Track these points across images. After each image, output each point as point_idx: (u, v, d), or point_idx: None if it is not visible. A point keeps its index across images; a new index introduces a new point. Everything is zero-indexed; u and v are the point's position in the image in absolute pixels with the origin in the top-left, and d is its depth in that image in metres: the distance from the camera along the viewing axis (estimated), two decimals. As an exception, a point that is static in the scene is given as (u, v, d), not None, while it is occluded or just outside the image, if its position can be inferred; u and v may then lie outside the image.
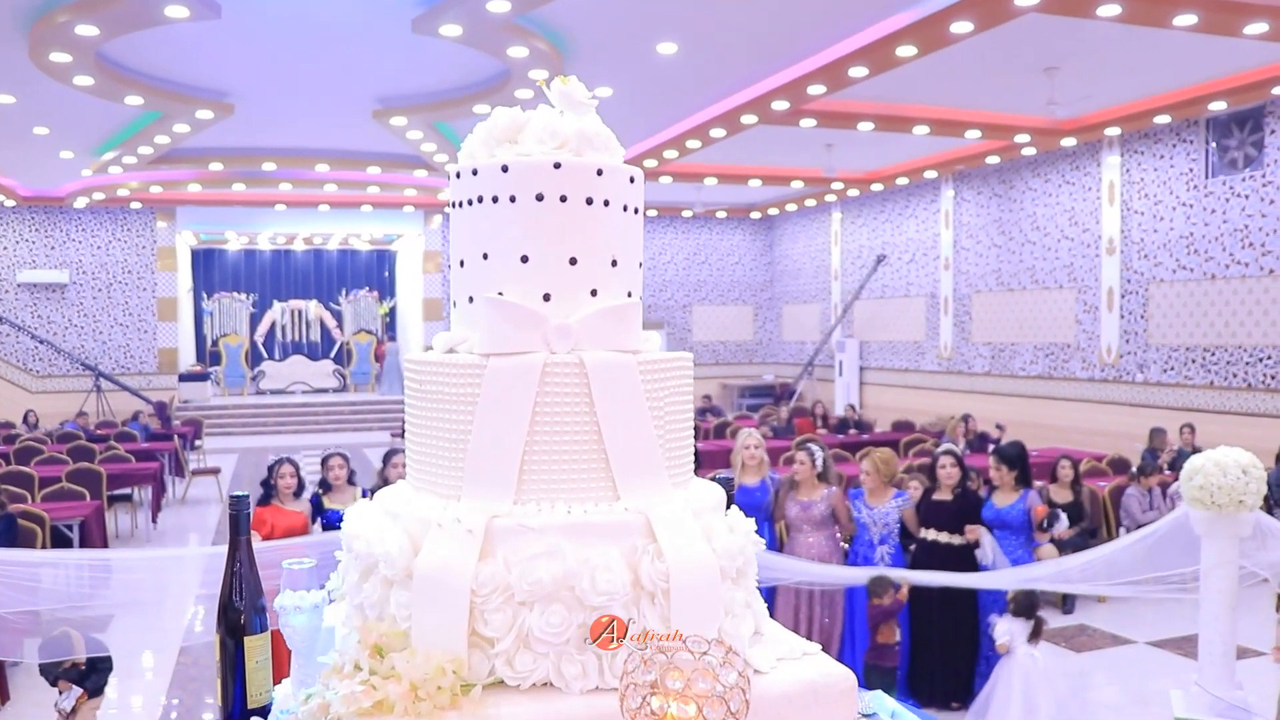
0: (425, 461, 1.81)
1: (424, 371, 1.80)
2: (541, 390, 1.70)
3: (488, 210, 1.78)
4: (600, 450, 1.72)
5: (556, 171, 1.76)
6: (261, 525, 6.75)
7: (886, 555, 7.30)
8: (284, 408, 24.03)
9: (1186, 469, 6.37)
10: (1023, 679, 6.43)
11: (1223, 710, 6.06)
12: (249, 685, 2.21)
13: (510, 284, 1.77)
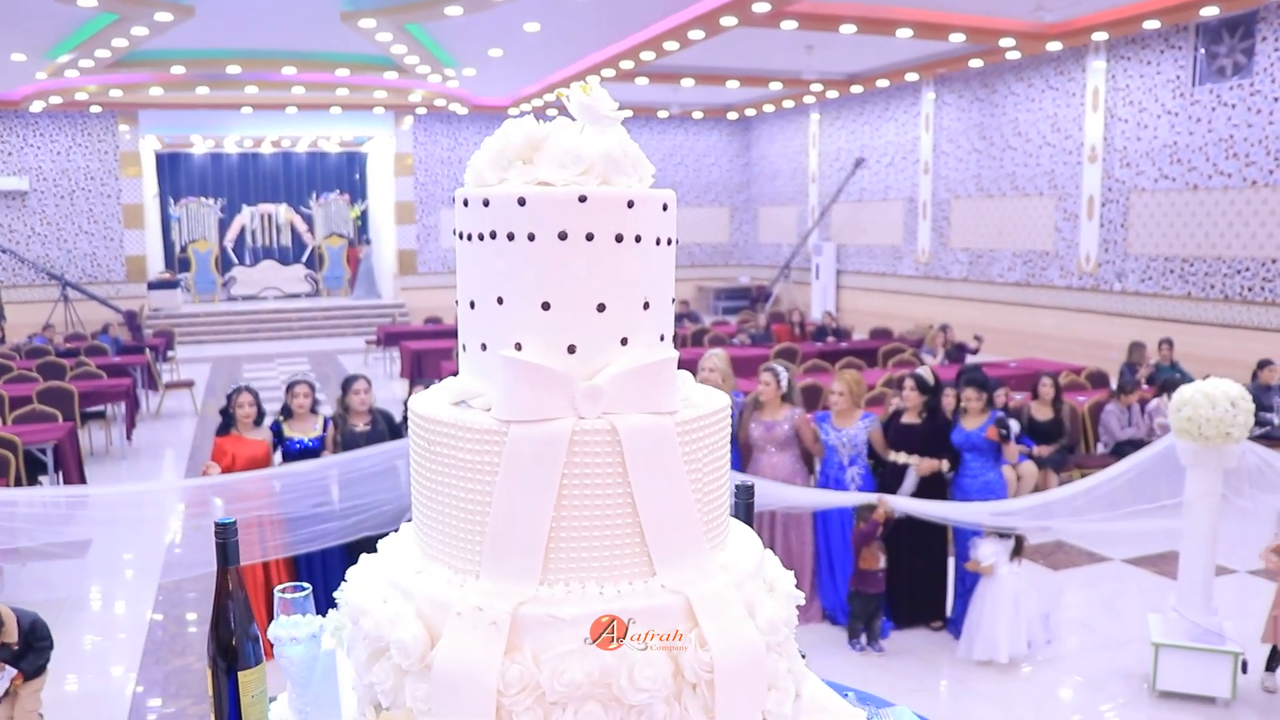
0: (437, 530, 1.60)
1: (433, 431, 1.58)
2: (569, 460, 1.49)
3: (502, 248, 1.54)
4: (634, 523, 1.52)
5: (582, 206, 1.52)
6: (222, 456, 6.57)
7: (857, 477, 7.24)
8: (256, 314, 23.63)
9: (1175, 400, 6.28)
10: (1007, 598, 6.43)
11: (1199, 636, 6.10)
12: (246, 715, 2.04)
13: (529, 334, 1.55)
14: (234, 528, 2.05)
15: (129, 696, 6.28)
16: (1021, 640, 6.47)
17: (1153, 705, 6.07)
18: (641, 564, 1.53)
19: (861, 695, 2.41)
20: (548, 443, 1.47)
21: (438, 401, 1.64)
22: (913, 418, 7.18)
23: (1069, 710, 6.07)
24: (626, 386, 1.50)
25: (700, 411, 1.59)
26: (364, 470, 6.73)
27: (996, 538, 6.43)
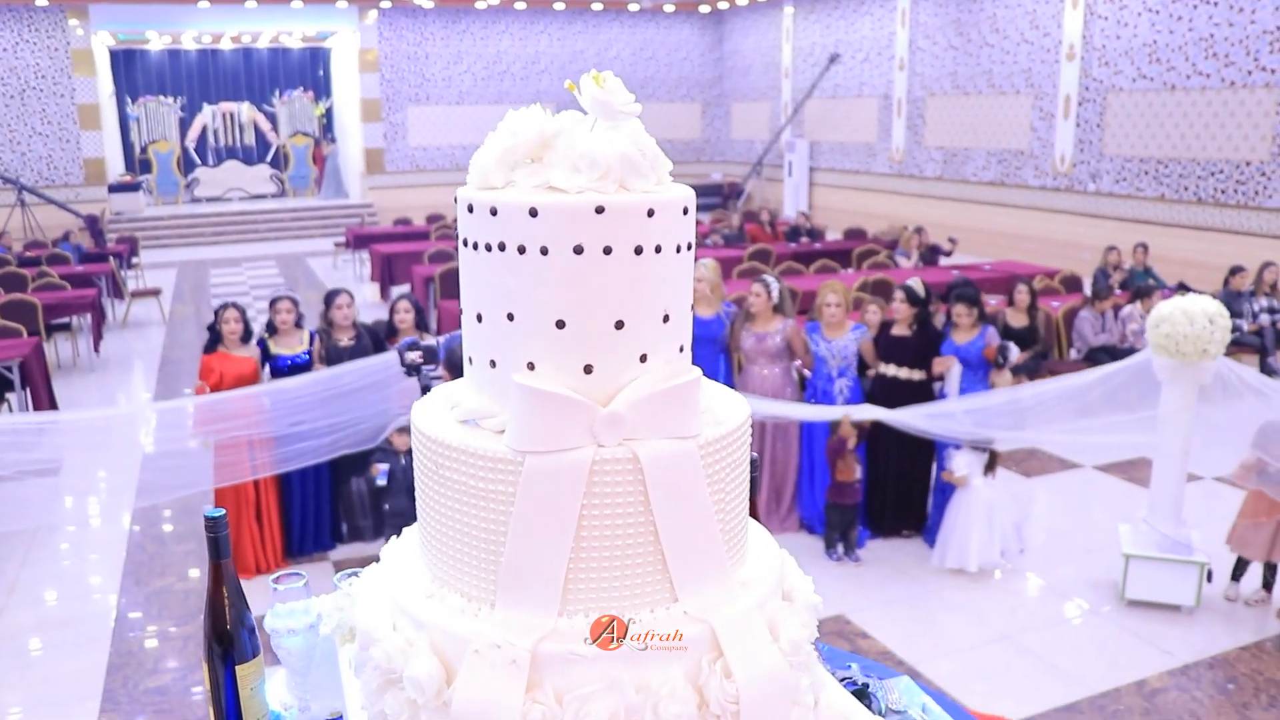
0: (447, 556, 1.51)
1: (441, 455, 1.48)
2: (589, 490, 1.40)
3: (512, 262, 1.42)
4: (656, 550, 1.44)
5: (599, 217, 1.39)
6: (210, 374, 6.48)
7: (845, 388, 7.27)
8: (221, 217, 23.10)
9: (1153, 317, 6.27)
10: (979, 510, 6.52)
11: (1168, 547, 6.21)
12: (245, 715, 1.99)
13: (543, 354, 1.44)
14: (224, 521, 1.96)
15: (111, 618, 6.27)
16: (994, 550, 6.58)
17: (1121, 614, 6.21)
18: (663, 590, 1.46)
19: (865, 665, 2.40)
20: (566, 474, 1.38)
21: (444, 419, 1.53)
22: (903, 330, 7.18)
23: (1040, 619, 6.20)
24: (648, 412, 1.40)
25: (723, 430, 1.50)
26: (350, 386, 6.64)
27: (971, 450, 6.47)
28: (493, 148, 1.46)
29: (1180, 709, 5.24)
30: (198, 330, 14.27)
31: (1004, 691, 5.47)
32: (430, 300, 13.38)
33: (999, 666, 5.73)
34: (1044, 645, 5.91)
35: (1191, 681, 5.48)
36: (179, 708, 5.25)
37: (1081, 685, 5.48)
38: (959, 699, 5.36)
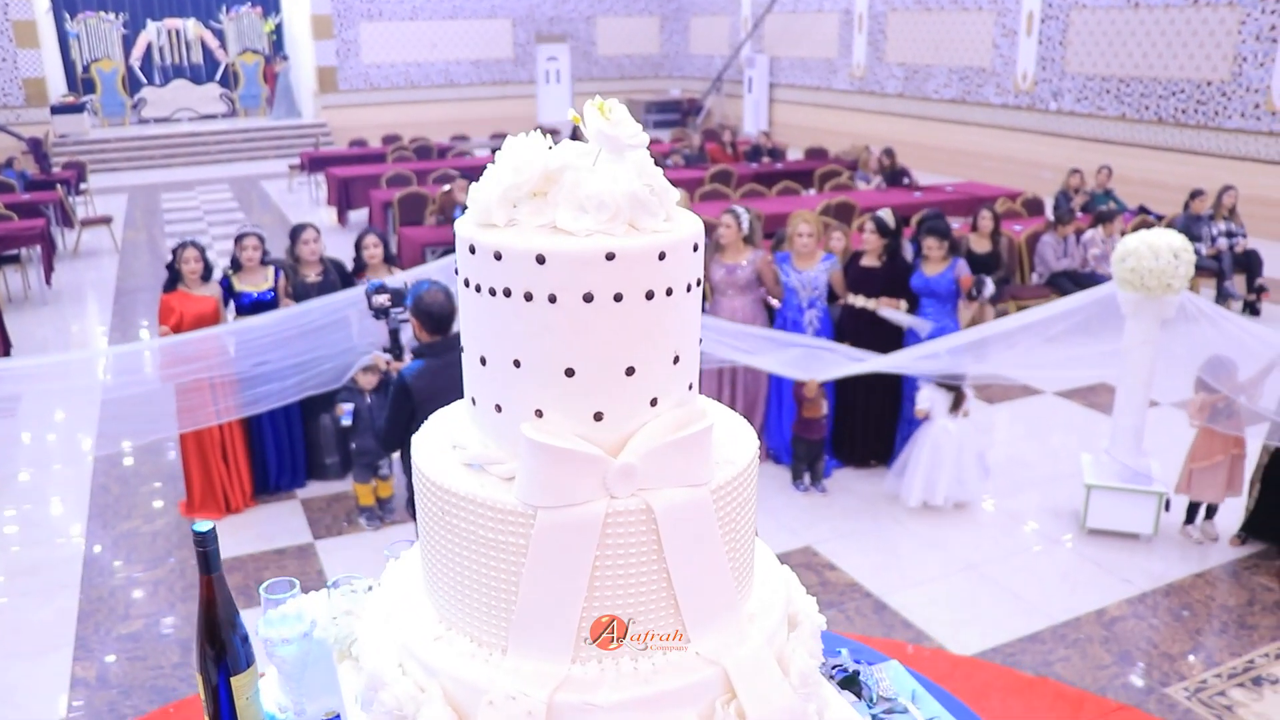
0: (455, 600, 1.48)
1: (449, 503, 1.43)
2: (602, 541, 1.36)
3: (518, 309, 1.36)
4: (669, 594, 1.42)
5: (610, 264, 1.33)
6: (170, 314, 6.35)
7: (815, 319, 7.28)
8: (171, 139, 22.41)
9: (1119, 251, 6.30)
10: (944, 447, 6.60)
11: (1129, 477, 6.34)
12: (242, 717, 1.97)
13: (551, 402, 1.39)
14: (213, 535, 1.92)
15: (79, 563, 6.22)
16: (957, 484, 6.67)
17: (1081, 542, 6.36)
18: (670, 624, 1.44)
19: (854, 650, 2.42)
20: (580, 527, 1.34)
21: (448, 464, 1.48)
22: (873, 261, 7.17)
23: (1004, 549, 6.33)
24: (661, 462, 1.36)
25: (735, 470, 1.46)
26: (316, 323, 6.54)
27: (935, 386, 6.52)
28: (494, 184, 1.38)
29: (1138, 637, 5.40)
30: (152, 259, 13.94)
31: (968, 622, 5.60)
32: (389, 226, 13.15)
33: (964, 597, 5.85)
34: (1007, 575, 6.05)
35: (1148, 609, 5.65)
36: (152, 654, 5.25)
37: (1044, 615, 5.63)
38: (925, 630, 5.50)
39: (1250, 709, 4.79)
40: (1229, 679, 5.03)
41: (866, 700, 2.14)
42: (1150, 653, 5.26)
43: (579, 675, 1.39)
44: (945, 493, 6.62)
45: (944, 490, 6.61)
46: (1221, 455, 6.04)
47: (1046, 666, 5.17)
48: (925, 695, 2.20)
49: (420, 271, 7.11)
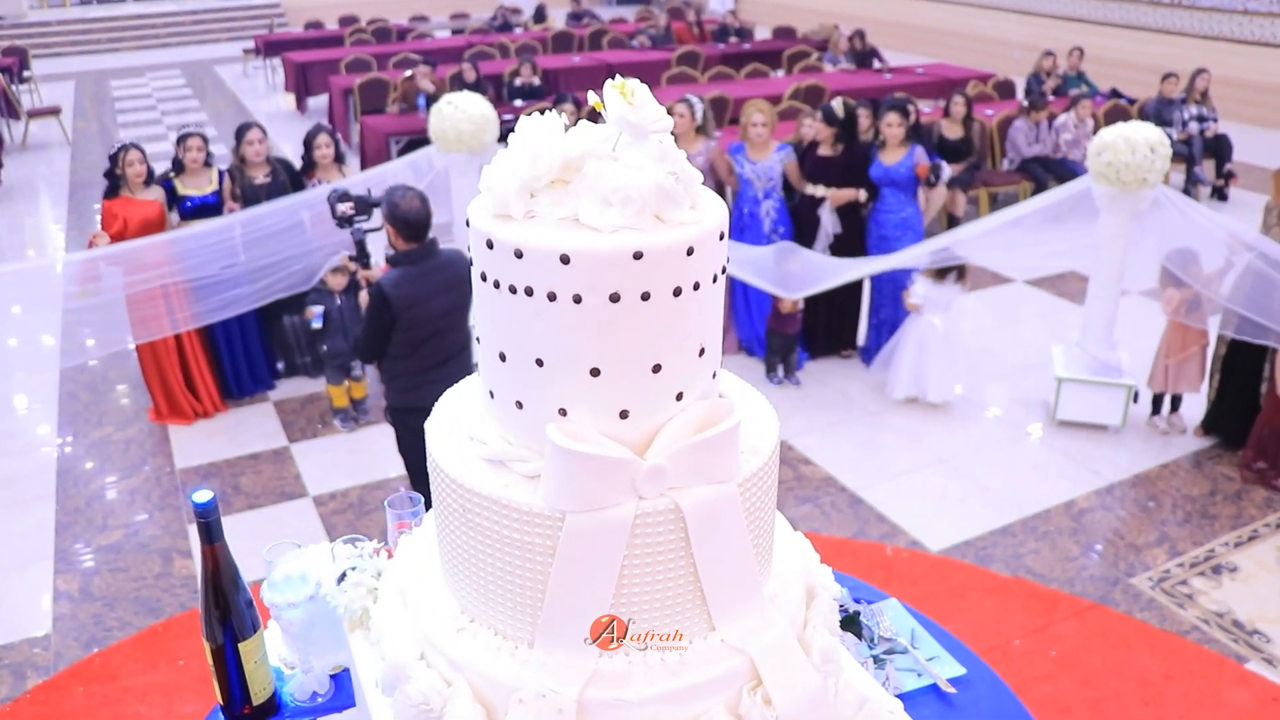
0: (478, 593, 1.45)
1: (472, 503, 1.39)
2: (631, 541, 1.33)
3: (541, 309, 1.29)
4: (695, 587, 1.40)
5: (637, 263, 1.26)
6: (113, 220, 6.16)
7: (772, 210, 7.19)
8: (116, 20, 21.38)
9: (1095, 144, 6.24)
10: (931, 342, 6.59)
11: (1099, 370, 6.43)
12: (251, 686, 1.98)
13: (576, 401, 1.33)
14: (214, 506, 1.87)
15: (53, 473, 6.17)
16: (946, 381, 6.69)
17: (1052, 434, 6.47)
18: (701, 621, 1.44)
19: (854, 588, 2.45)
20: (609, 531, 1.31)
21: (467, 459, 1.43)
22: (828, 150, 7.05)
23: (976, 441, 6.43)
24: (690, 461, 1.33)
25: (761, 460, 1.43)
26: (269, 227, 6.37)
27: (930, 280, 6.46)
28: (510, 173, 1.30)
29: (1105, 528, 5.55)
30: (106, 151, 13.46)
31: (941, 515, 5.72)
32: (350, 113, 12.75)
33: (937, 490, 5.97)
34: (979, 468, 6.16)
35: (1116, 500, 5.79)
36: (134, 565, 5.25)
37: (1015, 507, 5.76)
38: (899, 524, 5.62)
39: (1210, 597, 4.97)
40: (1190, 568, 5.20)
41: (867, 641, 2.17)
42: (1117, 544, 5.41)
43: (607, 669, 1.38)
44: (934, 390, 6.64)
45: (933, 387, 6.64)
46: (1194, 347, 6.12)
47: (1017, 559, 5.31)
48: (924, 635, 2.24)
49: (377, 172, 6.91)
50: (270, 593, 1.97)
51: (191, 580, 5.14)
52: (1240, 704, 3.67)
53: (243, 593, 1.95)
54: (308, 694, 2.06)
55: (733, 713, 1.41)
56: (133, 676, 3.83)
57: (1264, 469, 5.75)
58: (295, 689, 2.06)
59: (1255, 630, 4.73)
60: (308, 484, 6.02)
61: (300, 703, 2.06)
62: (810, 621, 1.52)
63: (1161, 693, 3.72)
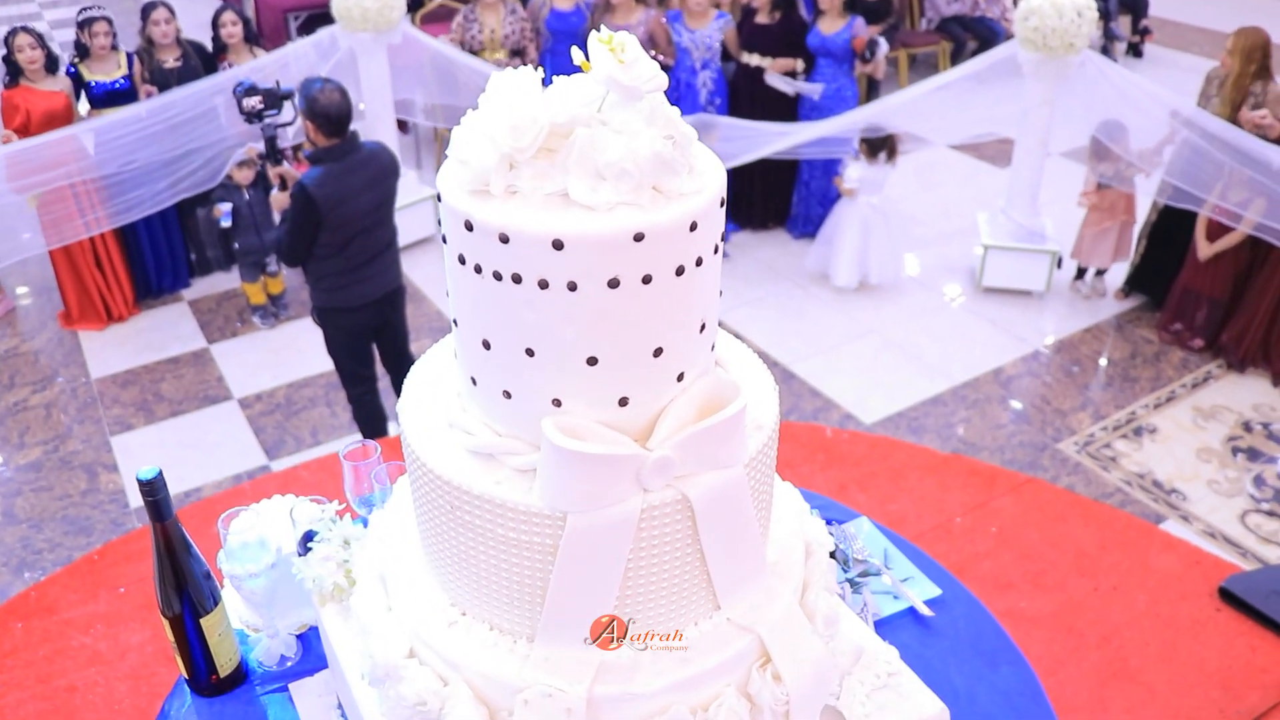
0: (471, 588, 1.35)
1: (465, 502, 1.27)
2: (637, 536, 1.24)
3: (532, 297, 1.15)
4: (702, 571, 1.33)
5: (638, 246, 1.13)
6: (14, 114, 5.72)
7: (709, 80, 7.02)
8: None
9: (1022, 10, 6.13)
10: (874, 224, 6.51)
11: (1023, 236, 6.48)
12: (216, 658, 1.89)
13: (571, 391, 1.21)
14: (160, 482, 1.73)
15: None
16: (890, 263, 6.63)
17: (978, 301, 6.54)
18: (707, 603, 1.37)
19: (824, 507, 2.42)
20: (613, 528, 1.22)
21: (451, 452, 1.31)
22: (765, 17, 6.84)
23: (904, 311, 6.47)
24: (696, 449, 1.23)
25: (765, 437, 1.34)
26: (181, 115, 5.97)
27: (863, 161, 6.33)
28: (488, 146, 1.13)
29: (1033, 394, 5.68)
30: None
31: (873, 387, 5.78)
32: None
33: (867, 362, 6.01)
34: (908, 338, 6.21)
35: (1042, 366, 5.91)
36: (58, 483, 5.06)
37: (945, 376, 5.84)
38: (832, 398, 5.67)
39: (1132, 459, 5.14)
40: (1113, 430, 5.36)
41: (841, 564, 2.15)
42: (1044, 410, 5.54)
43: (614, 661, 1.31)
44: (878, 272, 6.59)
45: (876, 269, 6.58)
46: (1111, 222, 6.17)
47: (949, 429, 5.42)
48: (897, 554, 2.23)
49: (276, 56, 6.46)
50: (229, 563, 1.86)
51: (120, 495, 4.97)
52: (1167, 568, 3.83)
53: (199, 564, 1.83)
54: (275, 658, 1.98)
55: (743, 692, 1.36)
56: (73, 608, 3.69)
57: (1180, 330, 5.91)
58: (262, 654, 1.97)
59: (1173, 489, 4.93)
60: (231, 386, 5.81)
61: (269, 667, 1.98)
62: (811, 584, 1.47)
63: (1096, 562, 3.86)
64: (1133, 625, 3.57)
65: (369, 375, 4.90)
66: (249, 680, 1.95)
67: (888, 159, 6.30)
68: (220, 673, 1.89)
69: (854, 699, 1.51)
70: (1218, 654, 3.46)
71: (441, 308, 6.49)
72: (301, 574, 1.71)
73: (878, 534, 2.28)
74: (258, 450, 5.31)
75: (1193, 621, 3.58)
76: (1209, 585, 3.72)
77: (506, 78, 1.18)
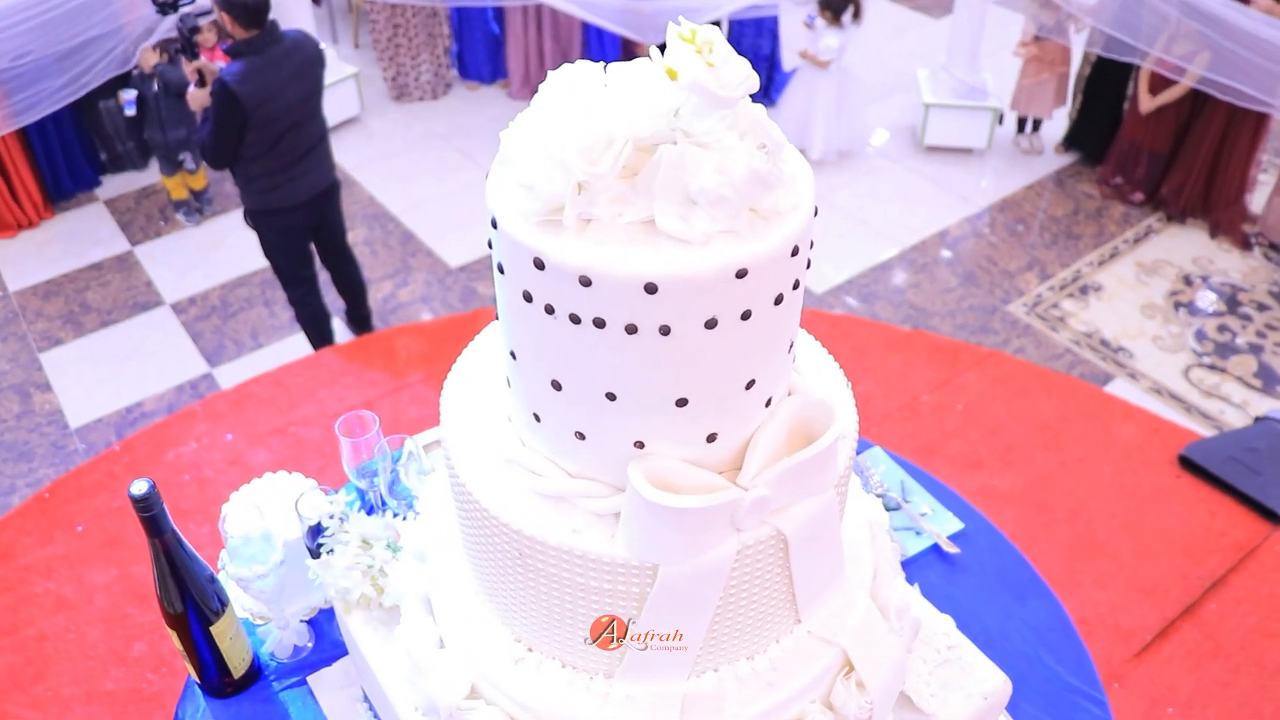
0: (542, 630, 1.23)
1: (538, 552, 1.13)
2: (730, 575, 1.13)
3: (616, 341, 0.99)
4: (788, 593, 1.23)
5: (740, 283, 0.96)
6: None
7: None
8: None
9: None
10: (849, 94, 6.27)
11: (965, 94, 6.34)
12: (229, 660, 1.76)
13: (658, 435, 1.07)
14: (155, 497, 1.56)
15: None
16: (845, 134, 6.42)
17: (920, 161, 6.43)
18: (789, 619, 1.28)
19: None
20: (706, 574, 1.10)
21: (517, 494, 1.16)
22: None
23: (848, 174, 6.34)
24: (791, 481, 1.10)
25: (849, 449, 1.22)
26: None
27: (831, 27, 5.99)
28: (558, 171, 0.94)
29: (979, 255, 5.66)
30: None
31: (822, 255, 5.69)
32: None
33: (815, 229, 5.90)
34: (853, 202, 6.10)
35: (986, 226, 5.87)
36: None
37: (892, 240, 5.78)
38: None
39: (1079, 318, 5.19)
40: (1060, 290, 5.38)
41: (861, 496, 2.08)
42: (991, 271, 5.53)
43: (697, 692, 1.22)
44: (851, 139, 6.38)
45: (848, 137, 6.36)
46: (1049, 74, 6.04)
47: (900, 295, 5.39)
48: (915, 486, 2.17)
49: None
50: (235, 565, 1.70)
51: (58, 415, 4.71)
52: (1128, 438, 3.89)
53: (201, 569, 1.68)
54: (288, 650, 1.85)
55: (825, 703, 1.29)
56: (30, 552, 3.51)
57: (1121, 184, 5.89)
58: (274, 647, 1.85)
59: (1120, 347, 5.00)
60: (162, 291, 5.48)
61: (282, 660, 1.86)
62: (879, 572, 1.39)
63: (1060, 435, 3.90)
64: (1099, 498, 3.64)
65: (309, 275, 4.65)
66: (263, 677, 1.83)
67: (854, 19, 6.00)
68: (234, 674, 1.77)
69: (919, 680, 1.46)
70: (1179, 521, 3.56)
71: (375, 193, 6.16)
72: (321, 579, 1.58)
73: (894, 465, 2.22)
74: (198, 358, 5.05)
75: (1155, 490, 3.66)
76: (1169, 453, 3.79)
77: (564, 77, 0.98)
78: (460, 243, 5.69)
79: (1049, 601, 1.99)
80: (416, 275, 5.51)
